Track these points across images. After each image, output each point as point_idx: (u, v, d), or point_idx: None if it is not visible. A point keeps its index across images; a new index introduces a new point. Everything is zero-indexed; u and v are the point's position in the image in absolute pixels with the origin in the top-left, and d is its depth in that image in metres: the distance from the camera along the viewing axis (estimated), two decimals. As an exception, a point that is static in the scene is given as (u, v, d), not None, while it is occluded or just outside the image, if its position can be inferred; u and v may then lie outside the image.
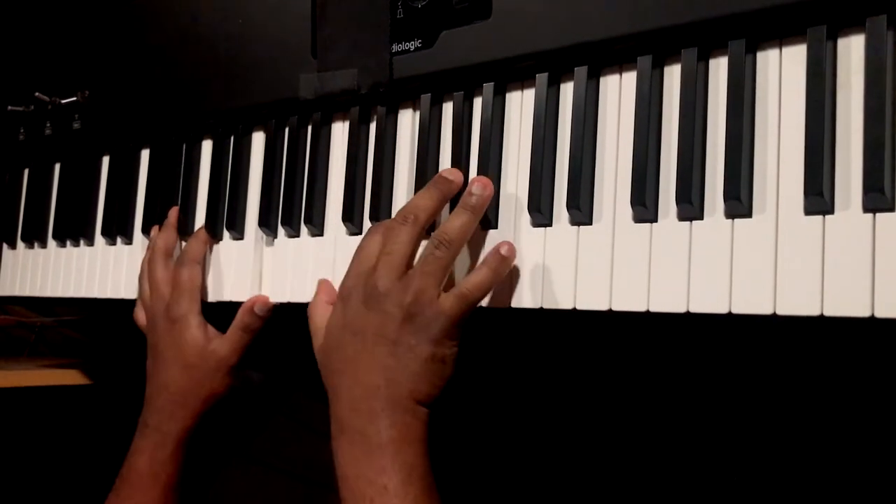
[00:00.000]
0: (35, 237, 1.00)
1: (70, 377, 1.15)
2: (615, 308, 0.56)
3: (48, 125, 0.97)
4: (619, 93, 0.58)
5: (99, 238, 0.93)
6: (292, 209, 0.75)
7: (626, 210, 0.56)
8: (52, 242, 0.99)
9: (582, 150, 0.58)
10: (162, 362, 0.79)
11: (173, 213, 0.83)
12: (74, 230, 0.95)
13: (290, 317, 0.72)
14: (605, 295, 0.56)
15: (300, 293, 0.74)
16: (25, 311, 1.29)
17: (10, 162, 1.05)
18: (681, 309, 0.53)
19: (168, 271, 0.80)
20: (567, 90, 0.61)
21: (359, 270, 0.62)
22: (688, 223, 0.54)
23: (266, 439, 0.90)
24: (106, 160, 0.95)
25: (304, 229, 0.75)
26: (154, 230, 0.85)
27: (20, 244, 1.03)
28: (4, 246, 1.05)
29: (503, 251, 0.59)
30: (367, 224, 0.70)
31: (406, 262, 0.60)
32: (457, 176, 0.63)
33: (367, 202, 0.70)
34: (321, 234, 0.74)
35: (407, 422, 0.58)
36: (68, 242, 0.96)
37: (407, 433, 0.58)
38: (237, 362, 0.78)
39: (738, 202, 0.51)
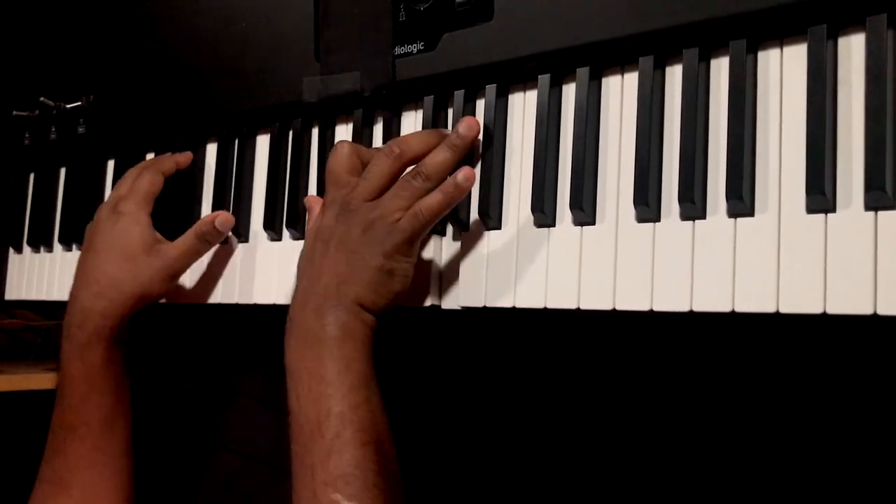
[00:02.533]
0: (41, 241, 1.00)
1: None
2: (619, 307, 0.56)
3: (53, 130, 0.98)
4: (620, 93, 0.59)
5: (105, 242, 0.93)
6: (297, 211, 0.75)
7: (629, 210, 0.57)
8: (58, 247, 0.99)
9: (584, 151, 0.59)
10: (95, 254, 0.76)
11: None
12: (80, 234, 0.94)
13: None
14: (609, 294, 0.56)
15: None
16: (31, 314, 1.29)
17: (15, 166, 1.05)
18: (684, 308, 0.53)
19: (132, 179, 0.80)
20: (569, 91, 0.61)
21: (339, 188, 0.64)
22: (690, 222, 0.54)
23: (261, 436, 0.91)
24: (111, 164, 0.95)
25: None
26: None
27: (26, 249, 1.03)
28: (11, 251, 1.06)
29: (459, 178, 0.61)
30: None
31: (380, 190, 0.62)
32: (466, 128, 0.63)
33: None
34: (325, 236, 0.74)
35: (350, 322, 0.61)
36: (74, 246, 0.97)
37: (348, 332, 0.60)
38: (182, 270, 0.76)
39: (740, 201, 0.51)
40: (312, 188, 0.75)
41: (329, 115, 0.75)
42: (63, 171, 1.01)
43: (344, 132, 0.75)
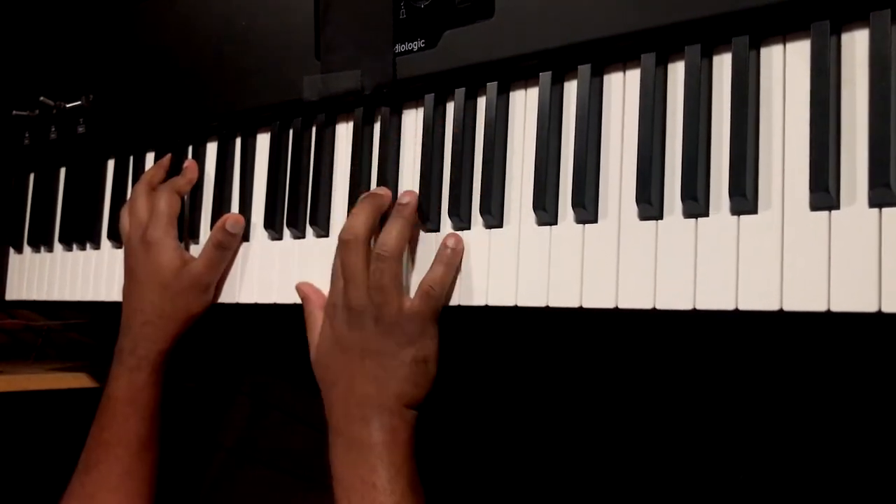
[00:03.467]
0: (41, 241, 1.00)
1: (77, 381, 1.15)
2: (621, 306, 0.56)
3: (53, 129, 0.98)
4: (622, 90, 0.58)
5: (105, 241, 0.93)
6: (297, 211, 0.75)
7: (632, 208, 0.56)
8: (58, 246, 0.99)
9: (586, 149, 0.58)
10: (137, 285, 0.79)
11: (167, 158, 0.85)
12: (80, 234, 0.95)
13: (297, 317, 0.73)
14: (612, 292, 0.56)
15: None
16: (32, 314, 1.29)
17: (15, 166, 1.05)
18: (687, 306, 0.53)
19: (149, 200, 0.82)
20: (571, 88, 0.61)
21: (336, 289, 0.67)
22: (693, 220, 0.54)
23: (262, 437, 0.91)
24: (111, 163, 0.95)
25: (309, 230, 0.75)
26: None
27: (27, 249, 1.03)
28: (11, 251, 1.05)
29: (450, 244, 0.63)
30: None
31: (365, 273, 0.64)
32: (384, 190, 0.68)
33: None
34: (327, 236, 0.74)
35: (395, 425, 0.63)
36: (75, 246, 0.97)
37: (395, 436, 0.63)
38: (211, 280, 0.78)
39: (744, 199, 0.51)
40: (312, 187, 0.75)
41: (329, 114, 0.75)
42: (63, 170, 1.00)
43: (344, 131, 0.74)
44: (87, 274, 0.94)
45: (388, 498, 0.61)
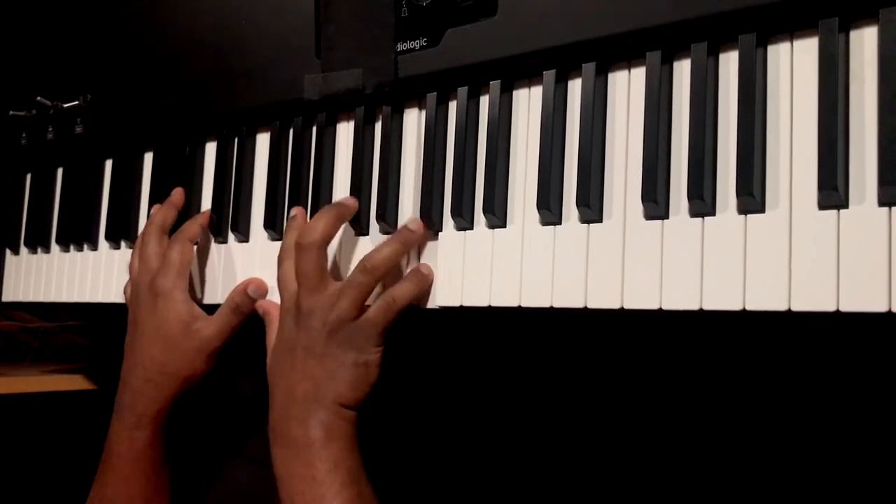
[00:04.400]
0: (38, 242, 0.99)
1: (74, 383, 1.15)
2: (627, 306, 0.55)
3: (50, 129, 0.97)
4: (627, 89, 0.58)
5: (103, 242, 0.93)
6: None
7: (637, 207, 0.56)
8: (55, 247, 0.98)
9: (591, 147, 0.58)
10: (140, 337, 0.76)
11: (177, 192, 0.83)
12: (78, 234, 0.95)
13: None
14: (617, 293, 0.55)
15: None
16: (29, 315, 1.28)
17: (12, 167, 1.04)
18: (694, 306, 0.52)
19: (160, 246, 0.79)
20: (575, 87, 0.60)
21: (288, 293, 0.68)
22: (700, 219, 0.53)
23: (260, 439, 0.90)
24: (109, 164, 0.94)
25: (310, 231, 0.74)
26: (155, 207, 0.84)
27: (23, 250, 1.02)
28: (7, 252, 1.05)
29: (423, 270, 0.65)
30: (374, 225, 0.70)
31: (320, 279, 0.65)
32: (352, 201, 0.69)
33: (374, 202, 0.70)
34: (327, 236, 0.73)
35: (332, 422, 0.63)
36: (72, 247, 0.96)
37: (332, 432, 0.63)
38: (221, 346, 0.75)
39: (751, 197, 0.50)
40: (313, 187, 0.74)
41: (330, 113, 0.74)
42: (60, 171, 0.99)
43: (345, 130, 0.74)
44: (85, 275, 0.93)
45: (328, 490, 0.61)
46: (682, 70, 0.56)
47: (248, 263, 0.78)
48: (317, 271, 0.65)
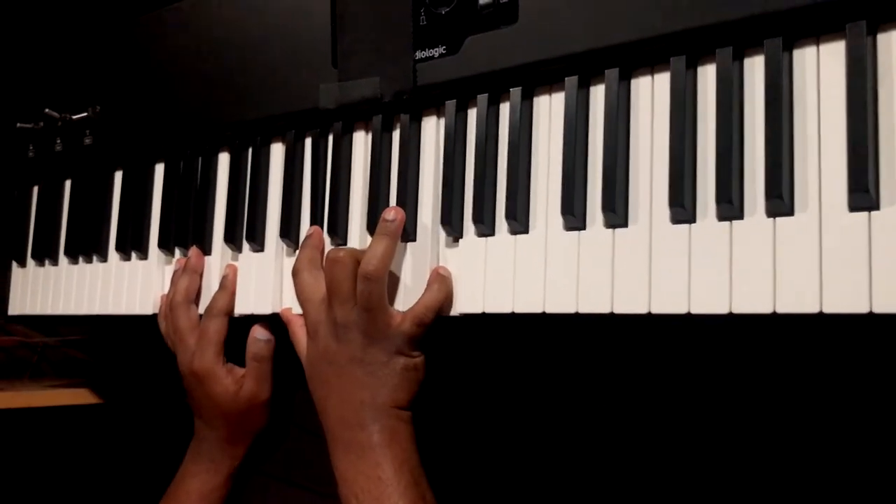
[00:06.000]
0: (46, 255, 0.99)
1: (80, 397, 1.14)
2: (654, 311, 0.55)
3: (58, 141, 0.96)
4: (651, 94, 0.58)
5: (112, 254, 0.92)
6: (315, 220, 0.74)
7: (663, 212, 0.56)
8: (63, 259, 0.97)
9: (616, 153, 0.58)
10: (201, 409, 0.81)
11: (195, 256, 0.82)
12: (87, 246, 0.94)
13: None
14: (644, 297, 0.55)
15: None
16: (28, 330, 1.27)
17: (19, 179, 1.04)
18: (723, 310, 0.52)
19: (190, 319, 0.81)
20: (597, 92, 0.60)
21: (313, 305, 0.70)
22: (728, 223, 0.53)
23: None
24: (118, 175, 0.94)
25: (327, 240, 0.74)
26: (177, 264, 0.84)
27: (30, 262, 1.02)
28: (14, 265, 1.04)
29: (442, 272, 0.66)
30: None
31: (352, 290, 0.66)
32: (399, 215, 0.68)
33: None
34: (345, 244, 0.73)
35: (392, 425, 0.66)
36: (80, 259, 0.95)
37: (393, 434, 0.66)
38: (270, 394, 0.80)
39: (780, 200, 0.51)
40: (330, 196, 0.74)
41: (346, 122, 0.74)
42: (69, 183, 0.99)
43: (362, 139, 0.74)
44: (94, 287, 0.93)
45: (395, 489, 0.63)
46: (707, 75, 0.56)
47: (263, 272, 0.78)
48: (350, 284, 0.66)
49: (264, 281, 0.77)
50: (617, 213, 0.57)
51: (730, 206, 0.53)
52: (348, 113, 0.73)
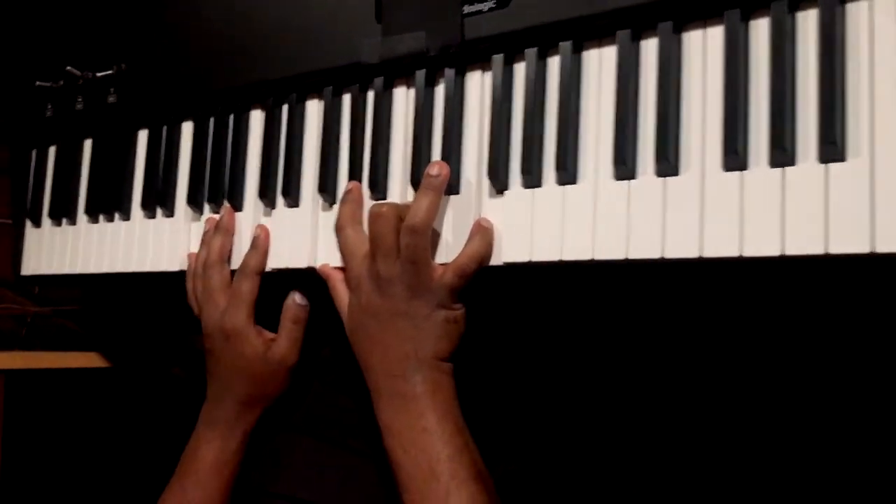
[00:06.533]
0: (64, 214, 0.99)
1: (91, 360, 1.14)
2: (706, 255, 0.57)
3: (79, 100, 0.96)
4: (703, 47, 0.60)
5: (136, 212, 0.92)
6: (353, 175, 0.75)
7: (716, 159, 0.58)
8: (82, 218, 0.97)
9: (668, 103, 0.59)
10: (223, 368, 0.81)
11: (227, 215, 0.83)
12: (109, 205, 0.94)
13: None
14: (696, 242, 0.57)
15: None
16: (18, 297, 1.25)
17: (36, 139, 1.03)
18: (776, 252, 0.54)
19: (224, 278, 0.82)
20: (648, 46, 0.62)
21: (356, 259, 0.71)
22: (780, 169, 0.55)
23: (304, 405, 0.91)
24: (143, 133, 0.94)
25: (366, 194, 0.75)
26: (207, 224, 0.85)
27: (46, 222, 1.01)
28: (28, 224, 1.03)
29: (484, 224, 0.66)
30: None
31: (395, 244, 0.67)
32: (444, 170, 0.68)
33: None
34: (384, 199, 0.74)
35: (435, 377, 0.67)
36: (101, 218, 0.95)
37: (437, 385, 0.67)
38: (296, 361, 0.81)
39: (834, 146, 0.53)
40: (371, 151, 0.75)
41: (388, 78, 0.75)
42: (89, 142, 0.99)
43: (402, 94, 0.75)
44: (116, 245, 0.93)
45: (439, 438, 0.65)
46: (760, 28, 0.58)
47: (298, 227, 0.78)
48: (393, 238, 0.67)
49: (299, 235, 0.78)
50: (670, 161, 0.59)
51: (783, 151, 0.55)
52: (390, 68, 0.74)
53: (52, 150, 1.03)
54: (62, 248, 0.99)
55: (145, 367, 1.24)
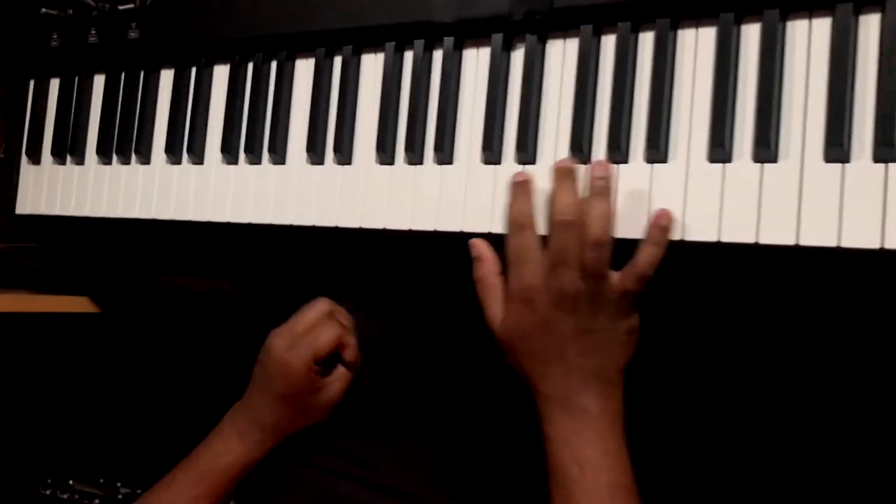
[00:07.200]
0: (70, 152, 0.93)
1: (80, 305, 1.09)
2: (802, 243, 0.58)
3: (93, 32, 0.90)
4: (808, 36, 0.61)
5: (159, 155, 0.88)
6: (414, 135, 0.74)
7: (817, 149, 0.59)
8: (92, 158, 0.92)
9: (771, 88, 0.60)
10: (272, 387, 0.79)
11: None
12: (125, 146, 0.89)
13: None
14: (792, 231, 0.58)
15: (422, 220, 0.73)
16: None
17: (36, 70, 0.97)
18: (875, 245, 0.56)
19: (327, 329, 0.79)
20: (749, 31, 0.62)
21: (529, 267, 0.66)
22: (883, 165, 0.57)
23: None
24: (165, 74, 0.89)
25: (430, 156, 0.73)
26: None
27: (47, 159, 0.95)
28: (24, 161, 0.97)
29: (662, 223, 0.62)
30: (508, 152, 0.70)
31: (580, 262, 0.63)
32: (572, 164, 0.65)
33: (510, 134, 0.70)
34: (450, 163, 0.73)
35: (615, 393, 0.66)
36: (115, 159, 0.90)
37: (617, 402, 0.66)
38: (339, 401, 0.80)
39: (941, 145, 0.55)
40: (438, 111, 0.73)
41: (458, 38, 0.73)
42: (101, 77, 0.93)
43: (473, 57, 0.73)
44: (132, 190, 0.89)
45: (619, 463, 0.64)
46: (870, 22, 0.59)
47: (351, 185, 0.76)
48: (579, 251, 0.63)
49: (352, 193, 0.76)
50: (770, 148, 0.60)
51: (891, 148, 0.56)
52: (465, 29, 0.72)
53: (54, 83, 0.96)
54: (66, 189, 0.93)
55: (109, 310, 1.20)
